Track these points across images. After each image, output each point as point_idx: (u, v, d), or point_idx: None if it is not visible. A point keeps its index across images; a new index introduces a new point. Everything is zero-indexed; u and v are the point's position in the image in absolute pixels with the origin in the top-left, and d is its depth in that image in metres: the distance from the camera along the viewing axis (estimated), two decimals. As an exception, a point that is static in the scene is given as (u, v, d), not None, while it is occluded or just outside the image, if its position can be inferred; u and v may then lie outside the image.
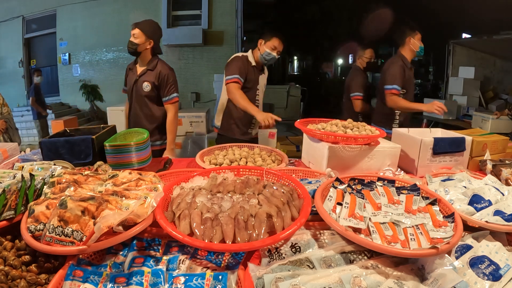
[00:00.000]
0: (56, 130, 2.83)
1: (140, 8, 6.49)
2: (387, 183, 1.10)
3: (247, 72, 2.25)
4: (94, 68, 7.16)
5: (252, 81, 2.29)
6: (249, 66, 2.28)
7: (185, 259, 0.84)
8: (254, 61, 2.30)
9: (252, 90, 2.31)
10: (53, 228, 0.81)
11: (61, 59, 7.25)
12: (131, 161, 1.47)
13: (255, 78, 2.32)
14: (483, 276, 0.80)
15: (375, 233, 0.84)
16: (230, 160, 1.58)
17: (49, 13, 7.10)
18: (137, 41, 2.11)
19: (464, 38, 6.51)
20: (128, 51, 2.17)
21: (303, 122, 1.67)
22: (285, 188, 1.01)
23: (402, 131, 1.70)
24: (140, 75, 2.22)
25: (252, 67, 2.29)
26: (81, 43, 7.05)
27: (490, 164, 1.44)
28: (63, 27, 7.11)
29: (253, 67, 2.30)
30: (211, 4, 6.30)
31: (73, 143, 1.43)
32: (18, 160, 1.46)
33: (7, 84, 7.47)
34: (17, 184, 0.98)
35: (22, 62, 7.54)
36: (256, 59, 2.31)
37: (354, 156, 1.45)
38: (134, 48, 2.13)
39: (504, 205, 1.01)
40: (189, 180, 1.13)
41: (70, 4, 6.88)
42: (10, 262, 0.82)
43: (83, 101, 7.09)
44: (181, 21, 6.51)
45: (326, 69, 14.38)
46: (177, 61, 6.48)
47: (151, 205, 0.90)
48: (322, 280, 0.71)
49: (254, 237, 0.82)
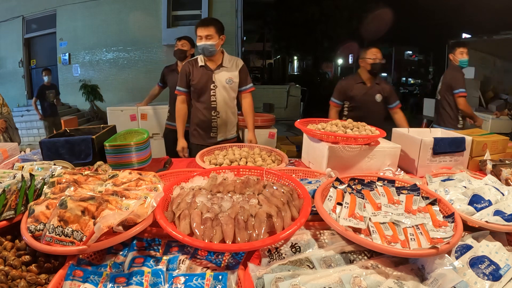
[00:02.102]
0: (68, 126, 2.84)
1: (140, 8, 6.50)
2: (387, 183, 1.10)
3: (190, 76, 2.20)
4: (94, 68, 7.17)
5: (201, 83, 2.19)
6: (195, 69, 2.20)
7: (185, 259, 0.84)
8: (204, 60, 2.20)
9: (205, 92, 2.20)
10: (53, 228, 0.81)
11: (61, 59, 7.26)
12: (131, 161, 1.47)
13: (206, 78, 2.18)
14: (483, 276, 0.80)
15: (375, 233, 0.84)
16: (230, 160, 1.58)
17: (49, 13, 7.12)
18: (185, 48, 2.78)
19: (464, 38, 6.52)
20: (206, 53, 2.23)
21: (303, 122, 1.67)
22: (285, 188, 1.01)
23: (402, 131, 1.70)
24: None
25: (201, 68, 2.19)
26: (81, 43, 7.06)
27: (490, 164, 1.44)
28: (63, 27, 7.12)
29: (201, 68, 2.19)
30: (211, 4, 6.31)
31: (73, 143, 1.43)
32: (18, 160, 1.46)
33: (7, 84, 7.49)
34: (17, 184, 0.98)
35: (22, 62, 7.54)
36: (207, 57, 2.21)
37: (354, 156, 1.45)
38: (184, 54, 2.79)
39: (504, 205, 1.01)
40: (189, 180, 1.13)
41: (70, 4, 6.89)
42: (10, 262, 0.82)
43: (83, 101, 7.10)
44: (181, 21, 6.52)
45: (326, 69, 14.39)
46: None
47: (151, 205, 0.90)
48: (322, 280, 0.71)
49: (254, 237, 0.82)
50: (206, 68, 2.19)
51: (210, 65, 2.20)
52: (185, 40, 2.91)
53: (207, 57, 2.19)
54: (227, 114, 2.26)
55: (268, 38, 14.40)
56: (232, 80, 2.22)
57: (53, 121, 5.61)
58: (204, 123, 2.25)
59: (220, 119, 2.24)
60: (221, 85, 2.20)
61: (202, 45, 2.11)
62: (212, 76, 2.18)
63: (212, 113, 2.23)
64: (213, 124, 2.25)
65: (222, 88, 2.20)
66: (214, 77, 2.18)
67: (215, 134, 2.27)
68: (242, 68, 2.27)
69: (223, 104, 2.22)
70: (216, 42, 2.11)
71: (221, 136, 2.29)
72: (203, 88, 2.19)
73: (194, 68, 2.21)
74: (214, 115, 2.23)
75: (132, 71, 7.06)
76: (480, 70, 6.07)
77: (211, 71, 2.19)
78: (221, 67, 2.20)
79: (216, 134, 2.27)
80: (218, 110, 2.22)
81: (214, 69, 2.19)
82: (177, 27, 6.45)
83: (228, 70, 2.22)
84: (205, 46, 2.10)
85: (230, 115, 2.29)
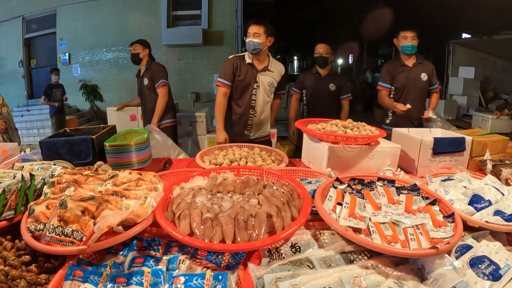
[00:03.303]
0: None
1: (140, 8, 6.49)
2: (387, 183, 1.10)
3: (237, 71, 2.21)
4: (94, 68, 7.16)
5: (246, 80, 2.22)
6: (242, 65, 2.22)
7: (185, 259, 0.84)
8: (251, 59, 2.23)
9: (247, 90, 2.24)
10: (53, 228, 0.81)
11: (61, 59, 7.25)
12: (131, 161, 1.47)
13: (250, 76, 2.22)
14: (483, 276, 0.80)
15: (375, 233, 0.84)
16: (230, 160, 1.58)
17: (49, 13, 7.10)
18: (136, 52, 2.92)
19: (464, 38, 6.52)
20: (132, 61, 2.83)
21: (303, 122, 1.67)
22: (285, 188, 1.01)
23: (402, 131, 1.70)
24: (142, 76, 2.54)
25: (247, 65, 2.22)
26: (81, 43, 7.04)
27: (490, 164, 1.44)
28: (63, 27, 7.11)
29: (248, 65, 2.22)
30: (211, 4, 6.30)
31: (73, 143, 1.43)
32: (18, 160, 1.46)
33: (7, 84, 7.48)
34: (17, 184, 0.98)
35: (22, 62, 7.53)
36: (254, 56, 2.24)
37: (354, 156, 1.45)
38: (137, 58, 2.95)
39: (504, 205, 1.01)
40: (189, 180, 1.13)
41: (70, 4, 6.88)
42: (10, 262, 0.82)
43: (83, 101, 7.09)
44: (181, 21, 6.51)
45: (326, 69, 14.38)
46: (177, 61, 6.48)
47: (151, 205, 0.90)
48: (322, 280, 0.71)
49: (254, 237, 0.82)
50: (252, 67, 2.23)
51: (256, 64, 2.24)
52: (136, 44, 2.99)
53: (253, 56, 2.22)
54: (263, 114, 2.33)
55: (268, 38, 14.37)
56: (273, 85, 2.30)
57: (60, 119, 5.73)
58: (241, 120, 2.31)
59: (256, 118, 2.31)
60: (264, 87, 2.27)
61: (248, 42, 2.16)
62: (257, 77, 2.23)
63: (250, 111, 2.29)
64: (249, 122, 2.32)
65: (263, 90, 2.27)
66: (259, 78, 2.24)
67: (249, 132, 2.35)
68: (284, 75, 2.37)
69: (262, 105, 2.30)
70: (263, 41, 2.14)
71: (253, 134, 2.38)
72: (246, 86, 2.24)
73: (242, 64, 2.23)
74: (252, 113, 2.30)
75: (132, 71, 7.01)
76: (480, 70, 6.06)
77: (256, 71, 2.23)
78: (267, 70, 2.27)
79: (250, 132, 2.35)
80: (256, 109, 2.29)
81: (260, 70, 2.24)
82: (177, 27, 6.44)
83: (272, 74, 2.29)
84: (251, 42, 2.14)
85: (266, 116, 2.37)
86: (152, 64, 2.97)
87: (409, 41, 2.47)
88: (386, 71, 2.60)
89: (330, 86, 2.91)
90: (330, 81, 2.92)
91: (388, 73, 2.59)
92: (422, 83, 2.54)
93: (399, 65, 2.56)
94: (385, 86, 2.60)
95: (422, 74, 2.52)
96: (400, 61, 2.57)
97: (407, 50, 2.49)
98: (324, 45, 2.89)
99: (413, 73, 2.52)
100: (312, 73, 2.98)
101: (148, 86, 2.94)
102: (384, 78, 2.61)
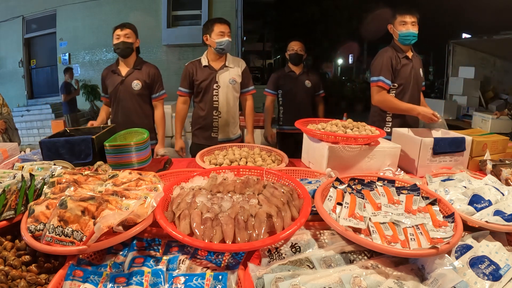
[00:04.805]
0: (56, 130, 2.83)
1: (140, 8, 6.49)
2: (387, 183, 1.10)
3: (194, 76, 2.21)
4: (94, 68, 7.16)
5: (204, 82, 2.20)
6: (198, 69, 2.21)
7: (185, 259, 0.84)
8: (208, 60, 2.22)
9: (208, 91, 2.21)
10: (53, 228, 0.81)
11: (61, 59, 7.25)
12: (131, 161, 1.47)
13: (209, 78, 2.19)
14: (483, 276, 0.80)
15: (375, 233, 0.84)
16: (230, 160, 1.58)
17: (49, 13, 7.11)
18: (130, 40, 2.19)
19: (464, 38, 6.51)
20: (120, 53, 2.20)
21: (303, 122, 1.67)
22: (285, 188, 1.01)
23: (402, 131, 1.70)
24: (127, 75, 2.23)
25: (204, 68, 2.20)
26: (81, 43, 7.05)
27: (490, 164, 1.44)
28: (63, 27, 7.11)
29: (205, 68, 2.20)
30: (211, 4, 6.30)
31: (73, 143, 1.43)
32: (18, 160, 1.46)
33: (7, 84, 7.48)
34: (17, 184, 0.98)
35: (22, 62, 7.53)
36: (212, 57, 2.22)
37: (354, 156, 1.45)
38: (130, 48, 2.20)
39: (504, 205, 1.01)
40: (189, 180, 1.13)
41: (70, 4, 6.88)
42: (10, 262, 0.82)
43: (83, 101, 7.09)
44: (181, 21, 6.51)
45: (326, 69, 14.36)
46: (177, 61, 6.47)
47: (151, 205, 0.90)
48: (322, 280, 0.71)
49: (254, 237, 0.82)
50: (210, 68, 2.20)
51: (214, 65, 2.21)
52: (128, 29, 2.21)
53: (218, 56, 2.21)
54: (228, 114, 2.26)
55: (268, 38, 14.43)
56: (235, 81, 2.24)
57: (73, 117, 5.99)
58: (205, 123, 2.26)
59: (222, 119, 2.25)
60: (224, 85, 2.21)
61: (225, 41, 2.15)
62: (216, 76, 2.20)
63: (213, 112, 2.24)
64: (214, 124, 2.26)
65: (225, 88, 2.22)
66: (218, 77, 2.20)
67: (216, 134, 2.28)
68: (245, 70, 2.30)
69: (225, 104, 2.24)
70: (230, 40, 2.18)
71: (222, 136, 2.29)
72: (206, 88, 2.21)
73: (198, 68, 2.22)
74: (216, 115, 2.24)
75: (132, 71, 7.02)
76: (480, 70, 6.05)
77: (214, 71, 2.20)
78: (225, 67, 2.22)
79: (217, 134, 2.28)
80: (219, 110, 2.23)
81: (217, 69, 2.20)
82: (177, 27, 6.44)
83: (231, 70, 2.24)
84: (228, 42, 2.16)
85: (232, 116, 2.29)
86: (146, 66, 2.27)
87: (409, 27, 1.95)
88: (388, 63, 1.98)
89: (306, 83, 2.88)
90: (305, 78, 2.89)
91: (389, 66, 1.98)
92: (421, 79, 2.11)
93: (401, 56, 2.02)
94: (387, 83, 1.98)
95: (420, 69, 2.11)
96: (401, 52, 2.03)
97: (406, 40, 1.97)
98: (298, 42, 2.87)
99: (415, 67, 2.06)
100: (285, 72, 2.92)
101: (139, 92, 2.22)
102: (385, 71, 1.97)
